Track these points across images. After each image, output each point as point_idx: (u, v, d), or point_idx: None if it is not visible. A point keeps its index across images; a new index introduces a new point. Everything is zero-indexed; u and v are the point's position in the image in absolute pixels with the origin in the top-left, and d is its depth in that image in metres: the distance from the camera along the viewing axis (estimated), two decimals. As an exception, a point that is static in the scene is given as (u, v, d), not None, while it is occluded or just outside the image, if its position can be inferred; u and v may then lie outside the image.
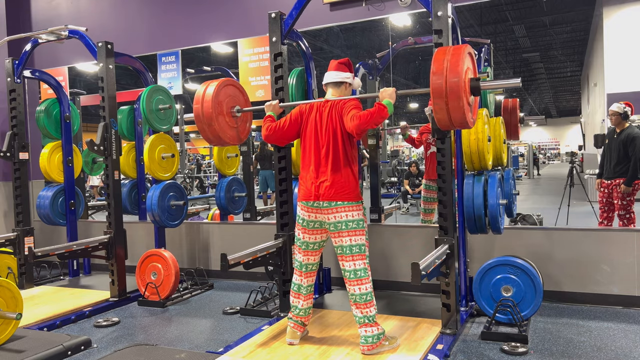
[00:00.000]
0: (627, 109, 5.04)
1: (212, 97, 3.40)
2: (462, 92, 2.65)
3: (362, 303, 2.97)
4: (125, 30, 5.88)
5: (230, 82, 3.61)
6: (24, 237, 5.03)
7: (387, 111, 2.87)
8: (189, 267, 5.25)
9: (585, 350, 3.09)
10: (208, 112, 3.39)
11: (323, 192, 3.00)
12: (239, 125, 3.67)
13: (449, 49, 2.79)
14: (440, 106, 2.69)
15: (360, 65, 4.95)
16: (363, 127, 2.87)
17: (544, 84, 23.97)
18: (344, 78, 3.17)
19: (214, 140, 3.52)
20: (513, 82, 2.94)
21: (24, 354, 3.07)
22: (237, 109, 3.61)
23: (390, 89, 2.99)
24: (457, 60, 2.68)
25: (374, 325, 2.97)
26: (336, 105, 3.07)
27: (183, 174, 11.91)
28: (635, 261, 3.85)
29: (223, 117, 3.49)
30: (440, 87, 2.66)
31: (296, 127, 3.19)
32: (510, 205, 4.04)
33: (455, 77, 2.65)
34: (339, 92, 3.18)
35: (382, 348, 2.98)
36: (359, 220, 3.01)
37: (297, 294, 3.19)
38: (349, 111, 2.96)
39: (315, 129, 3.10)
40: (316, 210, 3.05)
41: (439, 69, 2.68)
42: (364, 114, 2.86)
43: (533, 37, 15.02)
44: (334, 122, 3.04)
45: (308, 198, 3.06)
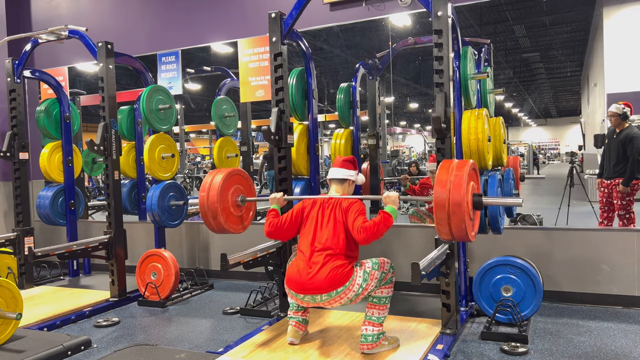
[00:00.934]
0: (626, 110, 5.04)
1: (218, 188, 3.38)
2: (465, 213, 2.66)
3: (378, 305, 2.99)
4: (125, 30, 5.88)
5: (236, 172, 3.58)
6: (24, 237, 5.03)
7: (392, 219, 2.90)
8: (189, 267, 5.25)
9: (585, 350, 3.09)
10: (213, 206, 3.37)
11: (317, 286, 2.88)
12: (243, 214, 3.65)
13: (452, 166, 2.77)
14: (442, 218, 2.70)
15: (360, 65, 4.96)
16: (371, 240, 2.89)
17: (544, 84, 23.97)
18: (348, 175, 3.23)
19: (217, 230, 3.52)
20: (515, 201, 3.05)
21: (24, 354, 3.07)
22: (241, 199, 3.59)
23: (394, 194, 3.00)
24: (461, 180, 2.68)
25: (378, 325, 2.98)
26: (340, 204, 3.08)
27: (183, 174, 11.92)
28: (635, 261, 3.85)
29: (228, 209, 3.48)
30: (443, 206, 2.68)
31: (297, 224, 3.19)
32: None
33: (459, 197, 2.65)
34: (342, 189, 3.22)
35: (382, 348, 2.98)
36: (363, 279, 2.93)
37: (294, 297, 3.20)
38: (355, 216, 2.96)
39: (316, 221, 3.08)
40: (308, 303, 3.00)
41: (443, 184, 2.69)
42: (370, 227, 2.86)
43: (533, 37, 15.02)
44: (337, 219, 3.03)
45: (299, 291, 2.94)
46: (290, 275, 3.02)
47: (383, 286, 3.01)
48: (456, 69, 3.66)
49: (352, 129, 4.93)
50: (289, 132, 3.85)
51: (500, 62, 16.13)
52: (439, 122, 3.07)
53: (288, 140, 3.84)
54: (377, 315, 2.98)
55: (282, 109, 3.81)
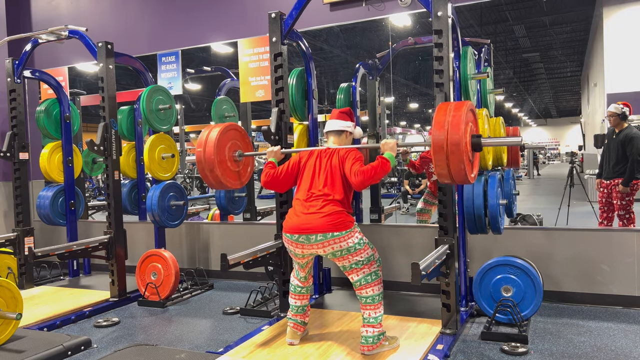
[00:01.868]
0: (625, 110, 5.04)
1: (215, 142, 3.38)
2: (464, 153, 2.65)
3: (372, 304, 2.97)
4: (125, 30, 5.88)
5: (233, 127, 3.59)
6: (24, 237, 5.03)
7: (390, 165, 2.88)
8: (189, 267, 5.26)
9: (585, 350, 3.10)
10: (210, 158, 3.37)
11: (315, 225, 2.88)
12: (241, 169, 3.65)
13: (450, 107, 2.76)
14: (441, 161, 2.69)
15: (360, 65, 4.95)
16: (367, 183, 2.88)
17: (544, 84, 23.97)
18: (345, 127, 3.21)
19: (215, 185, 3.51)
20: (514, 140, 3.01)
21: (24, 354, 3.07)
22: (238, 154, 3.58)
23: (392, 141, 2.99)
24: (459, 120, 2.66)
25: (377, 326, 2.96)
26: (338, 152, 3.08)
27: (183, 174, 11.91)
28: (635, 261, 3.85)
29: (224, 163, 3.48)
30: (442, 147, 2.66)
31: (293, 175, 3.19)
32: (510, 205, 4.04)
33: (457, 137, 2.63)
34: (340, 140, 3.21)
35: (382, 348, 2.98)
36: (358, 242, 2.93)
37: (294, 294, 3.21)
38: (352, 163, 2.96)
39: (313, 170, 3.08)
40: (302, 246, 2.95)
41: (441, 125, 2.67)
42: (368, 170, 2.86)
43: (533, 37, 15.02)
44: (334, 167, 3.03)
45: (295, 231, 2.94)
46: (287, 219, 3.03)
47: (372, 282, 2.97)
48: (456, 69, 3.66)
49: (352, 129, 4.92)
50: (289, 132, 3.85)
51: (500, 62, 16.13)
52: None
53: (288, 140, 3.84)
54: (374, 316, 2.96)
55: (282, 109, 3.81)
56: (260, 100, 5.09)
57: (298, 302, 3.19)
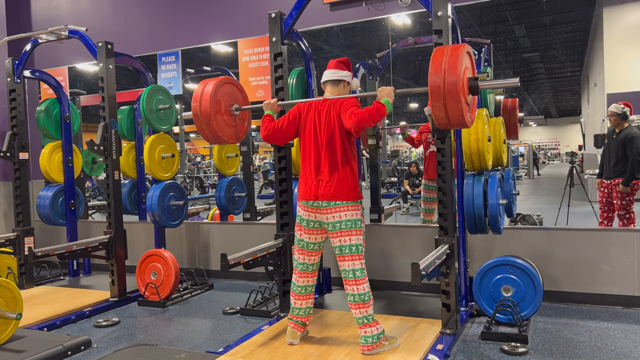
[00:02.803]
0: (626, 109, 5.04)
1: (211, 95, 3.39)
2: (461, 92, 2.65)
3: (361, 303, 2.97)
4: (125, 30, 5.88)
5: (229, 81, 3.60)
6: (24, 237, 5.03)
7: (386, 109, 2.88)
8: (189, 267, 5.25)
9: (585, 350, 3.09)
10: (206, 111, 3.38)
11: (322, 192, 3.00)
12: (238, 124, 3.66)
13: (447, 48, 2.77)
14: (439, 106, 2.68)
15: (360, 65, 4.95)
16: (361, 125, 2.88)
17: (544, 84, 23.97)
18: (342, 76, 3.18)
19: (212, 139, 3.51)
20: (511, 81, 2.94)
21: (24, 354, 3.07)
22: (235, 108, 3.60)
23: (389, 87, 3.00)
24: (456, 60, 2.67)
25: (374, 324, 2.96)
26: (335, 103, 3.07)
27: (183, 174, 11.92)
28: (635, 261, 3.85)
29: (221, 116, 3.48)
30: (439, 87, 2.65)
31: (294, 126, 3.18)
32: (510, 205, 4.04)
33: (454, 77, 2.64)
34: (337, 90, 3.18)
35: (382, 348, 2.98)
36: (356, 220, 3.01)
37: (297, 295, 3.19)
38: (347, 109, 2.97)
39: (314, 127, 3.10)
40: (315, 210, 3.04)
41: (437, 69, 2.67)
42: (363, 112, 2.87)
43: (533, 37, 15.03)
44: (333, 121, 3.04)
45: (308, 197, 3.05)
46: (300, 187, 3.13)
47: (363, 278, 2.99)
48: (456, 69, 3.66)
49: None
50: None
51: (500, 62, 16.13)
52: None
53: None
54: (365, 315, 2.96)
55: (282, 109, 3.81)
56: (260, 100, 5.09)
57: (298, 303, 3.18)
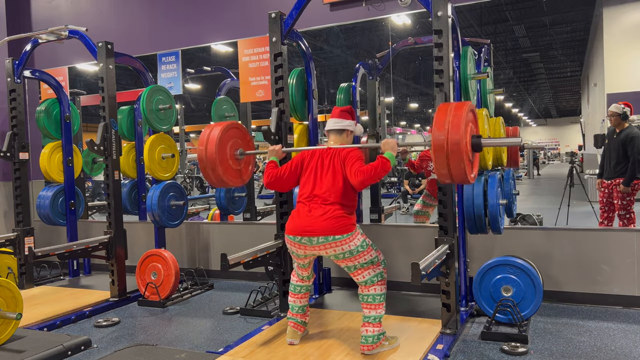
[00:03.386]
0: (626, 109, 5.05)
1: (217, 140, 3.37)
2: (464, 152, 2.65)
3: (373, 304, 2.98)
4: (125, 30, 5.88)
5: (235, 125, 3.57)
6: (24, 237, 5.03)
7: (390, 165, 2.89)
8: (189, 267, 5.25)
9: (585, 350, 3.09)
10: (212, 156, 3.36)
11: (317, 227, 2.89)
12: (242, 167, 3.64)
13: (450, 107, 2.76)
14: (442, 163, 2.69)
15: (360, 65, 4.95)
16: (367, 183, 2.89)
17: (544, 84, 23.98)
18: (345, 126, 3.20)
19: (216, 184, 3.50)
20: (514, 141, 3.00)
21: (24, 354, 3.07)
22: (240, 152, 3.57)
23: (392, 140, 3.00)
24: (459, 120, 2.66)
25: (377, 325, 2.97)
26: (339, 152, 3.07)
27: (183, 174, 11.91)
28: (635, 261, 3.85)
29: (226, 162, 3.47)
30: (442, 146, 2.66)
31: (296, 175, 3.19)
32: (510, 205, 4.04)
33: (457, 136, 2.63)
34: (341, 139, 3.20)
35: (382, 348, 2.98)
36: (360, 244, 2.93)
37: (294, 293, 3.21)
38: (352, 162, 2.96)
39: (315, 171, 3.08)
40: (305, 247, 2.96)
41: (441, 128, 2.67)
42: (368, 169, 2.86)
43: (533, 37, 15.04)
44: (336, 168, 3.03)
45: (297, 232, 2.94)
46: (289, 220, 3.04)
47: (377, 282, 2.98)
48: (456, 69, 3.66)
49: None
50: (289, 132, 3.85)
51: (500, 62, 16.14)
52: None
53: (288, 140, 3.84)
54: (374, 315, 2.97)
55: (282, 109, 3.81)
56: (260, 100, 5.09)
57: (297, 302, 3.19)
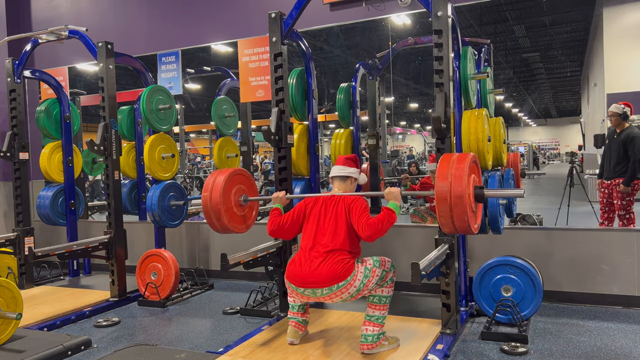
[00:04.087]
0: (627, 109, 5.05)
1: (221, 188, 3.37)
2: (467, 205, 2.66)
3: (378, 304, 2.99)
4: (125, 30, 5.88)
5: (238, 172, 3.57)
6: (24, 237, 5.03)
7: (396, 216, 2.92)
8: (189, 267, 5.26)
9: (585, 350, 3.09)
10: (217, 207, 3.35)
11: (319, 280, 2.87)
12: (246, 213, 3.64)
13: (453, 159, 2.76)
14: (445, 215, 2.70)
15: (360, 65, 4.95)
16: (375, 237, 2.91)
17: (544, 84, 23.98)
18: (350, 173, 3.24)
19: (221, 231, 3.51)
20: (517, 192, 3.03)
21: (24, 354, 3.07)
22: (244, 198, 3.57)
23: (396, 190, 3.02)
24: (462, 173, 2.67)
25: (378, 325, 2.97)
26: (344, 199, 3.09)
27: (183, 174, 11.91)
28: (635, 261, 3.85)
29: (231, 210, 3.47)
30: (445, 198, 2.67)
31: (298, 224, 3.19)
32: (510, 205, 4.04)
33: (460, 188, 2.64)
34: (345, 186, 3.24)
35: (382, 348, 2.98)
36: (364, 275, 2.91)
37: (295, 292, 3.19)
38: (359, 214, 2.97)
39: (318, 219, 3.08)
40: (309, 297, 2.96)
41: (444, 180, 2.68)
42: (375, 223, 2.88)
43: (533, 37, 15.03)
44: (340, 214, 3.04)
45: (300, 284, 2.93)
46: (291, 269, 3.01)
47: (384, 285, 3.00)
48: (456, 69, 3.66)
49: (352, 129, 4.94)
50: (289, 132, 3.85)
51: (500, 62, 16.14)
52: (439, 122, 3.08)
53: (288, 140, 3.84)
54: (377, 315, 2.98)
55: (282, 109, 3.81)
56: (260, 100, 5.09)
57: (298, 301, 3.19)
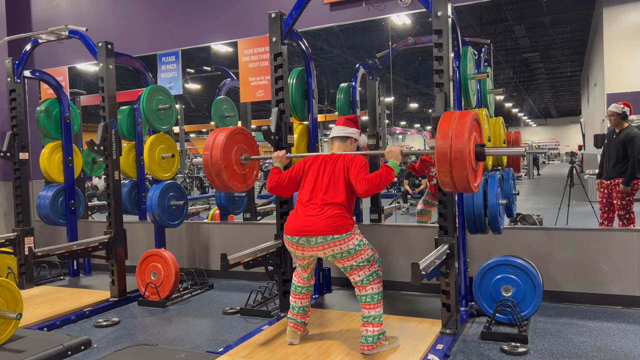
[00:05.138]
0: (626, 109, 5.05)
1: (222, 145, 3.41)
2: (467, 160, 2.66)
3: (371, 303, 2.98)
4: (125, 30, 5.88)
5: (240, 131, 3.61)
6: (24, 237, 5.03)
7: (394, 174, 2.93)
8: (189, 267, 5.25)
9: (585, 350, 3.10)
10: (217, 161, 3.40)
11: (315, 228, 2.89)
12: (247, 173, 3.68)
13: (454, 115, 2.77)
14: (445, 171, 2.71)
15: (360, 65, 4.95)
16: (372, 192, 2.93)
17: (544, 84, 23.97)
18: (350, 133, 3.25)
19: (221, 188, 3.55)
20: (517, 150, 3.03)
21: (24, 354, 3.07)
22: (245, 157, 3.61)
23: (396, 149, 3.02)
24: (463, 128, 2.67)
25: (377, 325, 2.97)
26: (344, 157, 3.10)
27: (183, 174, 11.91)
28: (635, 261, 3.85)
29: (231, 167, 3.50)
30: (445, 154, 2.67)
31: (296, 181, 3.22)
32: (510, 205, 4.04)
33: (461, 144, 2.65)
34: (345, 146, 3.25)
35: (382, 348, 2.98)
36: (358, 244, 2.94)
37: (295, 294, 3.21)
38: (357, 170, 2.99)
39: (316, 174, 3.10)
40: (303, 248, 2.96)
41: (444, 136, 2.68)
42: (372, 178, 2.90)
43: (533, 37, 15.02)
44: (338, 171, 3.05)
45: (295, 233, 2.94)
46: (287, 222, 3.04)
47: (372, 281, 2.98)
48: (456, 69, 3.66)
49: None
50: (289, 132, 3.85)
51: (500, 62, 16.13)
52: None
53: (288, 140, 3.84)
54: (374, 314, 2.97)
55: (282, 109, 3.81)
56: (260, 100, 5.09)
57: (298, 302, 3.19)
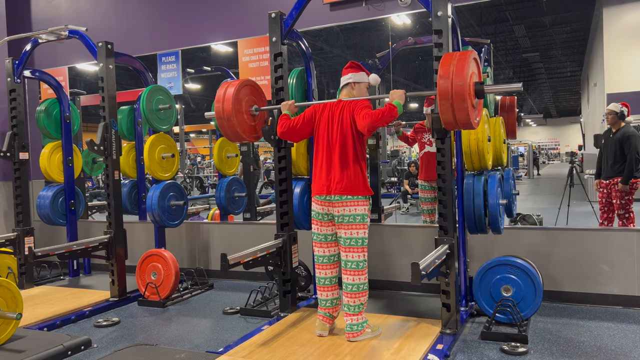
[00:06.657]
0: (624, 109, 5.06)
1: (233, 96, 3.56)
2: (467, 95, 2.78)
3: (357, 292, 3.13)
4: (125, 30, 5.88)
5: (249, 83, 3.75)
6: (24, 237, 5.03)
7: (397, 111, 3.04)
8: (189, 267, 5.25)
9: (585, 350, 3.10)
10: (228, 110, 3.54)
11: (334, 187, 3.14)
12: (257, 123, 3.81)
13: (455, 54, 2.89)
14: (446, 107, 2.82)
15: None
16: (374, 125, 3.03)
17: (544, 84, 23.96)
18: (348, 79, 3.34)
19: (232, 136, 3.67)
20: (515, 86, 3.08)
21: (24, 354, 3.07)
22: (255, 108, 3.73)
23: (400, 90, 3.13)
24: (463, 64, 2.80)
25: (359, 314, 3.13)
26: (348, 104, 3.22)
27: (183, 174, 11.91)
28: (635, 261, 3.85)
29: (242, 115, 3.64)
30: (447, 89, 2.79)
31: (309, 126, 3.34)
32: (510, 205, 4.04)
33: (461, 80, 2.77)
34: (347, 92, 3.35)
35: (366, 335, 3.15)
36: (363, 215, 3.15)
37: (322, 287, 3.31)
38: (360, 110, 3.11)
39: (327, 127, 3.24)
40: (328, 203, 3.19)
41: (446, 72, 2.81)
42: (376, 113, 3.02)
43: (533, 37, 15.02)
44: (346, 121, 3.18)
45: (320, 192, 3.21)
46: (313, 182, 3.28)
47: (360, 270, 3.14)
48: (456, 69, 3.66)
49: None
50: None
51: (500, 62, 16.12)
52: (439, 122, 3.08)
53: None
54: (360, 303, 3.14)
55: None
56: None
57: (324, 295, 3.30)
